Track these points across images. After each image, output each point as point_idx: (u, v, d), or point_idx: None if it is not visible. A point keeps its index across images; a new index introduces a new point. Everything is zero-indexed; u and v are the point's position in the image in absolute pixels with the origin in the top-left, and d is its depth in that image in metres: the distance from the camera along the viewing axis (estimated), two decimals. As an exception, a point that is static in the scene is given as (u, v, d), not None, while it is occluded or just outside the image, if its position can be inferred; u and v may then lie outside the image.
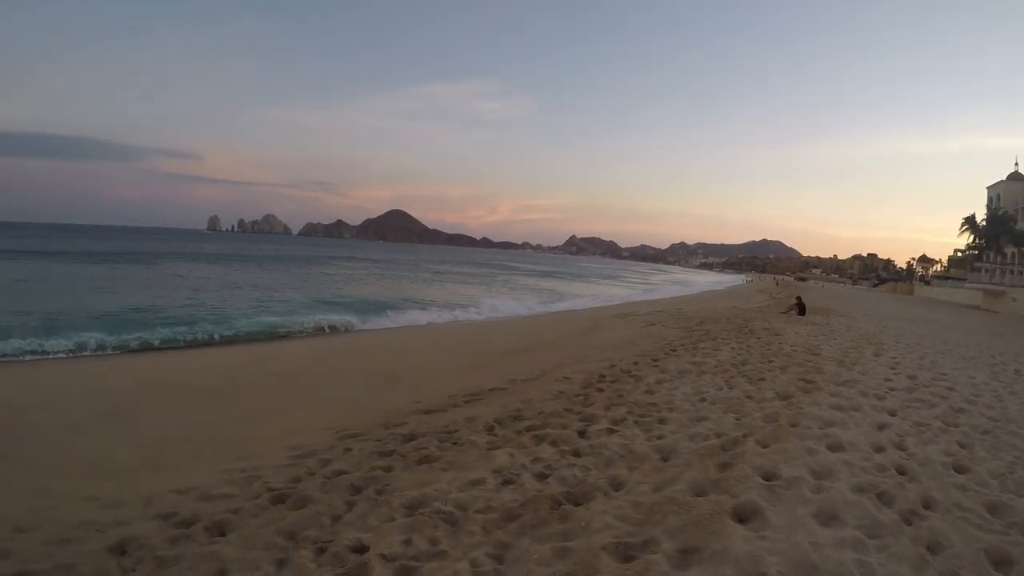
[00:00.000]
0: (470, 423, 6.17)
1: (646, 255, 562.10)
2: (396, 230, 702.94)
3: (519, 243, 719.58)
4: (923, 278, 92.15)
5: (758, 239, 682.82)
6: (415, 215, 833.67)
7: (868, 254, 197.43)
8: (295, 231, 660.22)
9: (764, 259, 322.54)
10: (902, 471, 4.63)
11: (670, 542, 3.31)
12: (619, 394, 7.27)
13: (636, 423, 5.92)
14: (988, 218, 60.20)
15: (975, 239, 62.61)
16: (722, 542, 3.22)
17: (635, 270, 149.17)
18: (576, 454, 5.02)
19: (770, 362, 9.71)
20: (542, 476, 4.52)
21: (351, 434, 6.14)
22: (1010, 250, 54.77)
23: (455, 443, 5.47)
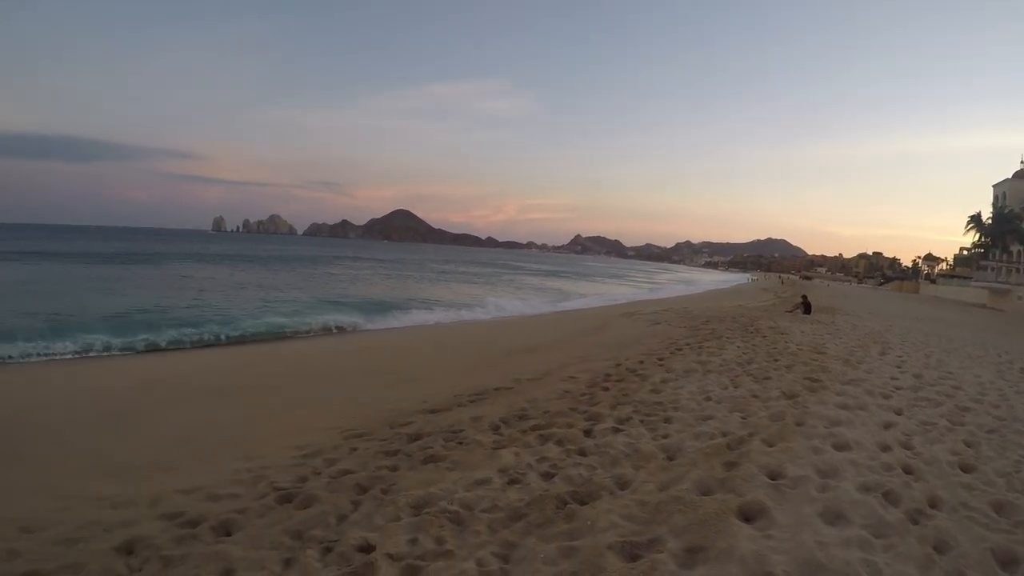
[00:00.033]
0: (476, 422, 6.17)
1: (651, 254, 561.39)
2: (401, 230, 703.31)
3: (524, 242, 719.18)
4: (929, 276, 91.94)
5: (763, 238, 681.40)
6: (420, 215, 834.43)
7: (873, 252, 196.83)
8: (300, 231, 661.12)
9: (769, 258, 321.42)
10: (908, 470, 4.63)
11: (676, 541, 3.31)
12: (625, 393, 7.28)
13: (642, 422, 5.93)
14: (994, 216, 60.01)
15: (981, 237, 62.40)
16: (728, 541, 3.22)
17: (640, 269, 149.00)
18: (582, 453, 5.03)
19: (776, 361, 9.71)
20: (548, 475, 4.53)
21: (357, 434, 6.14)
22: (1016, 248, 54.61)
23: (461, 443, 5.47)
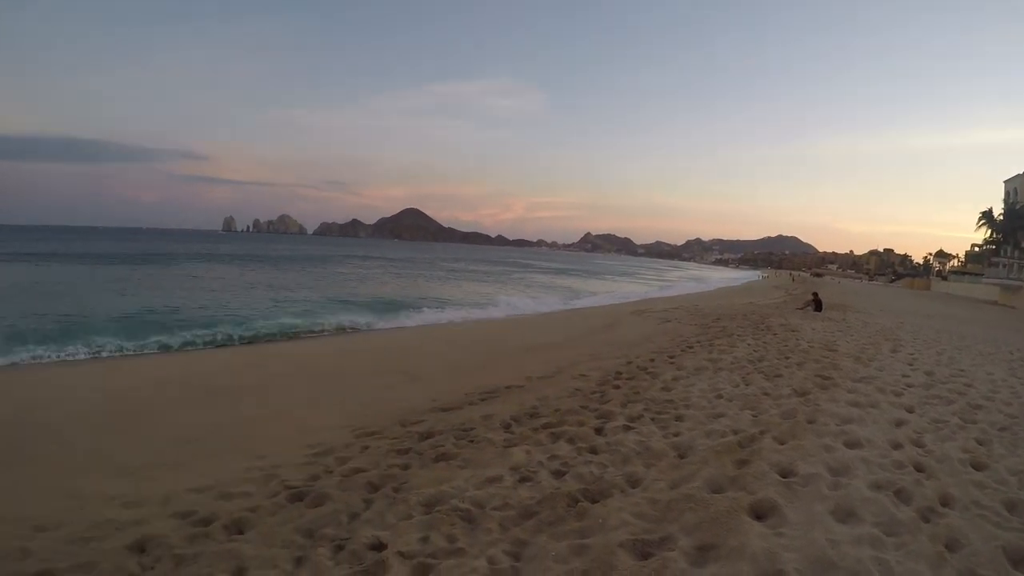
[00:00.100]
0: (487, 421, 6.20)
1: (661, 252, 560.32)
2: (411, 229, 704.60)
3: (534, 241, 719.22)
4: (940, 273, 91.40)
5: (774, 235, 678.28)
6: (430, 213, 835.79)
7: (885, 249, 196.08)
8: (310, 231, 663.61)
9: (780, 255, 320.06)
10: (920, 468, 4.61)
11: (687, 539, 3.32)
12: (636, 391, 7.28)
13: (653, 420, 5.93)
14: (1005, 212, 59.48)
15: (992, 234, 61.90)
16: (739, 539, 3.22)
17: (650, 267, 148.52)
18: (593, 451, 5.04)
19: (787, 358, 9.69)
20: (559, 473, 4.55)
21: (368, 432, 6.17)
22: (1028, 244, 54.17)
23: (472, 441, 5.50)
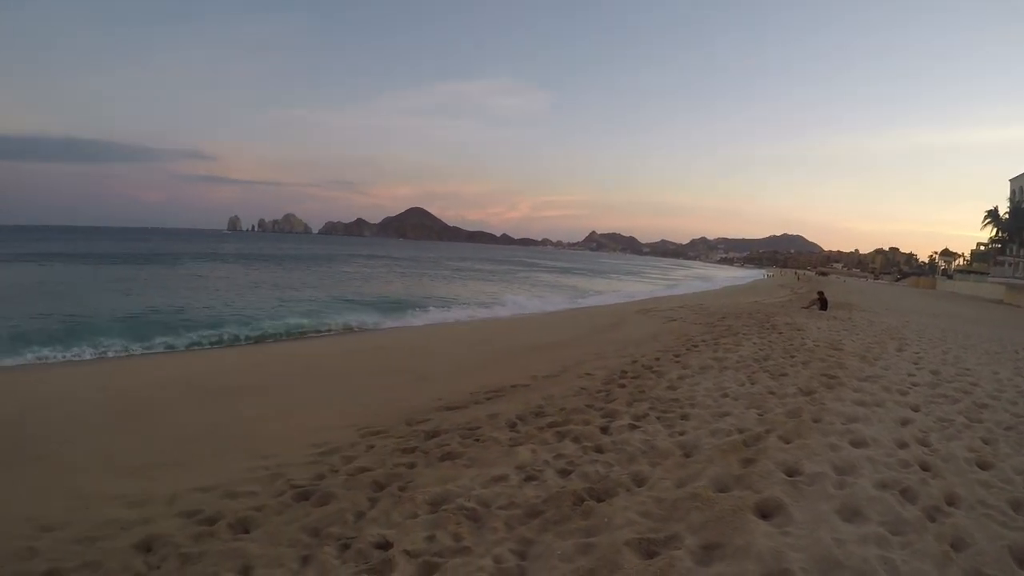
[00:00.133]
0: (492, 420, 6.21)
1: (666, 250, 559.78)
2: (416, 228, 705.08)
3: (539, 240, 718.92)
4: (945, 272, 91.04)
5: (779, 233, 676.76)
6: (435, 212, 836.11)
7: (890, 248, 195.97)
8: (315, 230, 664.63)
9: (785, 253, 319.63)
10: (925, 467, 4.61)
11: (693, 538, 3.32)
12: (641, 390, 7.29)
13: (658, 419, 5.94)
14: (1011, 211, 59.17)
15: (998, 232, 61.65)
16: (745, 538, 3.23)
17: (655, 266, 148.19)
18: (598, 450, 5.05)
19: (792, 357, 9.67)
20: (565, 472, 4.55)
21: (374, 431, 6.18)
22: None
23: (478, 440, 5.51)
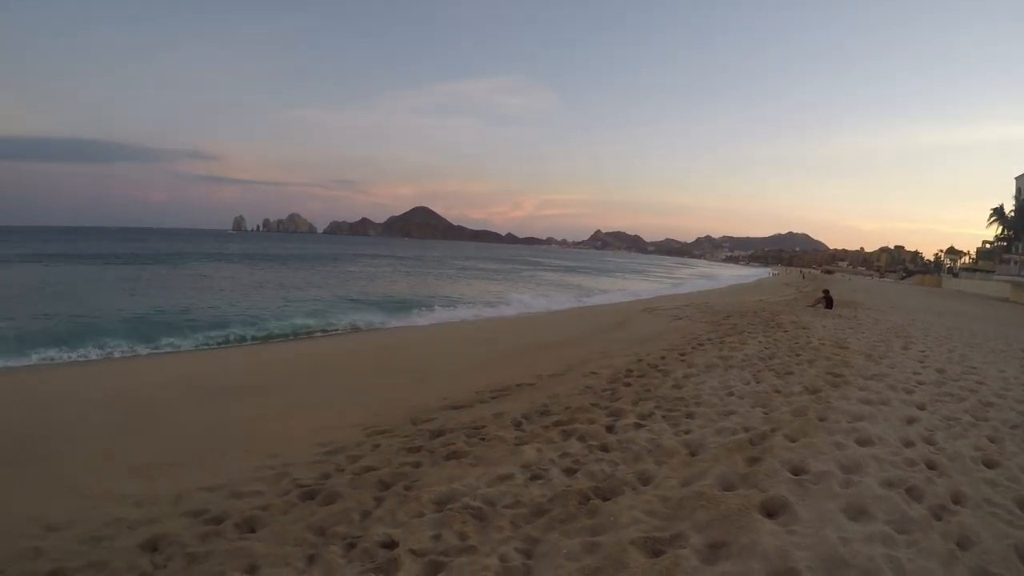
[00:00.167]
0: (498, 419, 6.20)
1: (671, 249, 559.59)
2: (421, 227, 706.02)
3: (544, 238, 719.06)
4: (951, 270, 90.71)
5: (784, 232, 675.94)
6: (439, 212, 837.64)
7: (895, 246, 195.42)
8: (320, 230, 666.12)
9: (790, 252, 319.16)
10: (931, 466, 4.60)
11: (698, 537, 3.32)
12: (646, 389, 7.29)
13: (664, 418, 5.93)
14: (1017, 209, 58.90)
15: (1003, 230, 61.42)
16: (750, 537, 3.23)
17: (661, 264, 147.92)
18: (604, 449, 5.05)
19: (798, 356, 9.66)
20: (570, 471, 4.55)
21: (379, 431, 6.18)
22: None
23: (483, 439, 5.50)
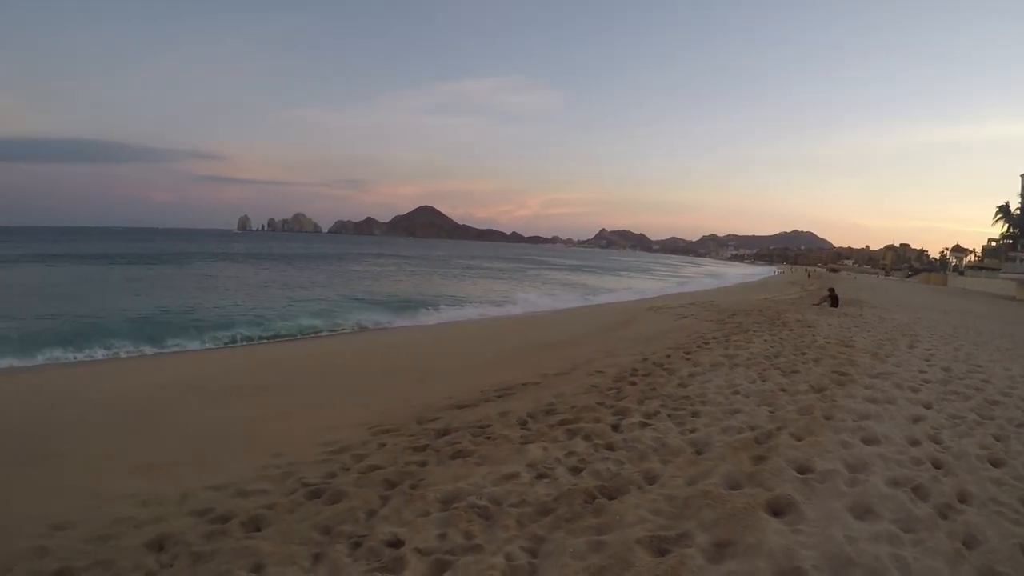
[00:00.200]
0: (503, 417, 6.20)
1: (677, 247, 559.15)
2: (426, 226, 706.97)
3: (549, 237, 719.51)
4: (957, 268, 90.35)
5: (789, 230, 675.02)
6: (444, 211, 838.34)
7: (901, 244, 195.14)
8: (325, 229, 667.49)
9: (795, 250, 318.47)
10: (937, 464, 4.60)
11: (704, 536, 3.32)
12: (652, 387, 7.28)
13: (669, 416, 5.93)
14: (1022, 206, 58.67)
15: (1009, 228, 61.21)
16: (756, 536, 3.23)
17: (666, 263, 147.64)
18: (609, 448, 5.05)
19: (803, 354, 9.65)
20: (576, 470, 4.55)
21: (385, 429, 6.18)
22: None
23: (488, 437, 5.50)
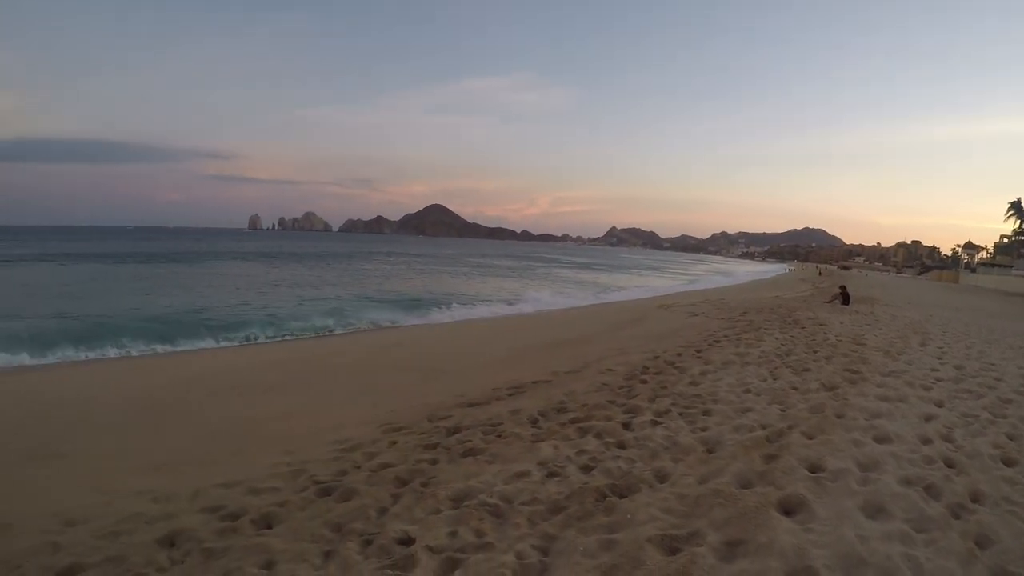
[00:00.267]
0: (514, 416, 6.21)
1: (687, 245, 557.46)
2: (436, 225, 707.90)
3: (559, 235, 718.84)
4: (968, 265, 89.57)
5: (800, 227, 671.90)
6: (454, 209, 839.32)
7: (912, 241, 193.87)
8: (335, 228, 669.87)
9: (806, 248, 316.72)
10: (950, 463, 4.57)
11: (715, 534, 3.32)
12: (663, 386, 7.27)
13: (680, 415, 5.92)
14: (1034, 203, 58.25)
15: (1021, 224, 60.70)
16: (768, 535, 3.22)
17: (676, 261, 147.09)
18: (621, 446, 5.05)
19: (815, 352, 9.60)
20: (587, 468, 4.55)
21: (396, 428, 6.21)
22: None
23: (499, 436, 5.52)
